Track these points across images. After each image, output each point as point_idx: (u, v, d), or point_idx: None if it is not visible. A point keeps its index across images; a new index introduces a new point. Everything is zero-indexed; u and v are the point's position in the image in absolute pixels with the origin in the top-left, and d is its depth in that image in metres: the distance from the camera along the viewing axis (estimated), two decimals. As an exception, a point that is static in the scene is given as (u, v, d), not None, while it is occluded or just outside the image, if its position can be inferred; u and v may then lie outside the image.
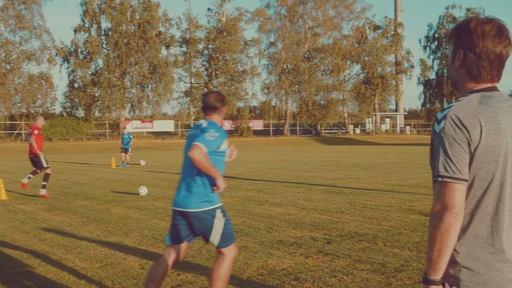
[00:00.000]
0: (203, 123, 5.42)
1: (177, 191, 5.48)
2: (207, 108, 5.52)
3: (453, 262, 2.52)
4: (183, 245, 5.55)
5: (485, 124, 2.43)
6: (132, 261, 7.91)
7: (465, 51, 2.58)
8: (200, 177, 5.24)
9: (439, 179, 2.45)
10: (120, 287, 6.67)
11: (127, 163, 30.27)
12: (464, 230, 2.51)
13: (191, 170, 5.29)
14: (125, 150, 30.44)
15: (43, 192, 15.92)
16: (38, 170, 16.34)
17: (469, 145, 2.42)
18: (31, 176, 16.46)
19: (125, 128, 33.30)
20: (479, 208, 2.50)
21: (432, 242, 2.46)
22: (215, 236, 5.33)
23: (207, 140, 5.07)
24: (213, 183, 5.22)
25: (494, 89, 2.59)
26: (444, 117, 2.48)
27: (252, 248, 8.50)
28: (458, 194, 2.42)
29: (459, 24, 2.64)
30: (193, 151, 4.93)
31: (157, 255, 8.19)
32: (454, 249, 2.50)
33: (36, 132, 16.01)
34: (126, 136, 30.78)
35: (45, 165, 16.14)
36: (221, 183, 5.12)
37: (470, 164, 2.45)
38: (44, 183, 16.00)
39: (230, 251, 5.45)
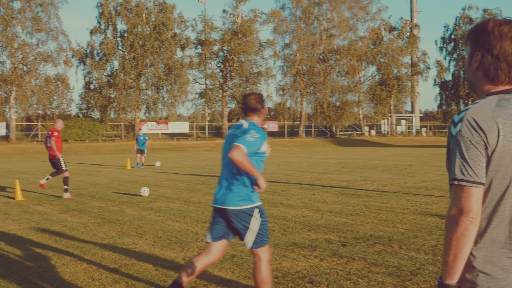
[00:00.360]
0: (244, 123, 5.50)
1: (217, 188, 5.55)
2: (248, 109, 5.60)
3: (470, 266, 2.48)
4: (223, 243, 5.62)
5: (503, 127, 2.40)
6: (146, 262, 7.91)
7: (483, 53, 2.55)
8: (240, 175, 5.32)
9: (455, 182, 2.42)
10: (134, 288, 6.67)
11: (142, 165, 30.28)
12: (481, 234, 2.47)
13: (231, 168, 5.38)
14: (141, 152, 30.41)
15: (66, 195, 16.06)
16: (58, 172, 16.52)
17: (486, 148, 2.39)
18: (50, 177, 16.64)
19: (140, 129, 33.13)
20: (496, 212, 2.46)
21: (447, 246, 2.43)
22: (250, 236, 5.41)
23: (247, 141, 5.13)
24: (253, 182, 5.30)
25: (512, 91, 2.56)
26: (461, 120, 2.45)
27: (267, 250, 8.46)
28: (474, 197, 2.38)
29: (477, 26, 2.61)
30: (233, 152, 4.98)
31: (171, 257, 8.19)
32: (471, 254, 2.47)
33: (56, 134, 16.23)
34: (141, 138, 30.69)
35: (63, 167, 16.38)
36: (262, 182, 5.15)
37: (487, 167, 2.42)
38: (66, 187, 16.20)
39: (264, 253, 5.48)
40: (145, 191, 16.10)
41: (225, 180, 5.46)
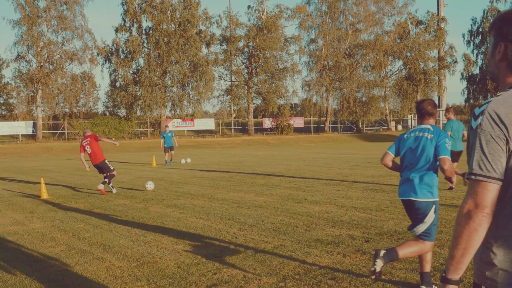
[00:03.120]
0: (429, 127, 6.21)
1: (404, 183, 6.25)
2: (426, 114, 6.30)
3: (490, 264, 2.42)
4: None
5: None
6: (169, 260, 7.89)
7: (506, 44, 2.48)
8: (426, 173, 6.07)
9: (472, 177, 2.37)
10: (156, 286, 6.65)
11: (171, 161, 30.00)
12: (502, 231, 2.42)
13: (420, 166, 6.10)
14: (170, 149, 30.06)
15: (101, 187, 16.22)
16: (107, 174, 16.87)
17: (507, 142, 2.33)
18: (106, 180, 16.71)
19: (167, 126, 32.92)
20: None
21: (458, 240, 2.37)
22: (423, 226, 6.04)
23: (448, 151, 6.01)
24: (433, 178, 6.12)
25: (536, 84, 2.48)
26: (482, 113, 2.39)
27: (289, 247, 8.41)
28: (491, 193, 2.32)
29: (500, 15, 2.53)
30: (448, 165, 5.89)
31: (194, 254, 8.16)
32: (492, 251, 2.41)
33: (98, 138, 17.06)
34: (169, 135, 30.28)
35: (111, 167, 16.96)
36: (455, 180, 6.10)
37: (508, 162, 2.35)
38: (106, 180, 16.53)
39: (427, 245, 6.05)
40: (150, 185, 16.75)
41: (411, 176, 6.13)
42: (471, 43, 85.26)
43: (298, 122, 78.46)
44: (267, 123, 75.49)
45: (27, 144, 57.13)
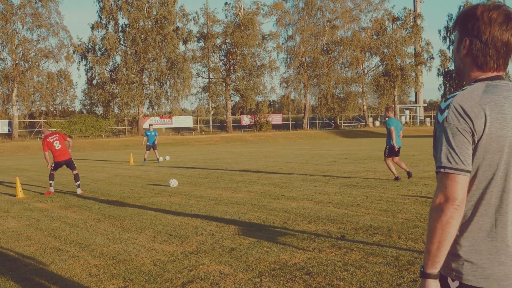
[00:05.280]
0: None
1: None
2: None
3: (455, 255, 2.45)
4: None
5: (490, 114, 2.36)
6: (145, 257, 7.87)
7: (471, 39, 2.50)
8: None
9: (442, 170, 2.38)
10: (132, 283, 6.63)
11: (157, 159, 29.78)
12: (467, 223, 2.44)
13: None
14: (153, 147, 29.72)
15: (79, 191, 16.24)
16: (53, 172, 16.69)
17: (472, 135, 2.35)
18: (78, 183, 16.58)
19: (151, 125, 32.39)
20: (483, 200, 2.42)
21: (432, 234, 2.39)
22: None
23: None
24: None
25: (500, 78, 2.52)
26: (448, 107, 2.42)
27: (266, 243, 8.43)
28: (460, 185, 2.34)
29: (465, 11, 2.56)
30: None
31: (170, 251, 8.16)
32: (458, 243, 2.44)
33: (65, 138, 16.94)
34: (152, 133, 29.96)
35: (75, 165, 16.91)
36: None
37: (473, 155, 2.38)
38: (78, 182, 16.45)
39: None
40: (173, 183, 16.89)
41: None
42: (447, 39, 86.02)
43: (276, 119, 78.57)
44: (246, 120, 75.52)
45: (2, 143, 56.55)
